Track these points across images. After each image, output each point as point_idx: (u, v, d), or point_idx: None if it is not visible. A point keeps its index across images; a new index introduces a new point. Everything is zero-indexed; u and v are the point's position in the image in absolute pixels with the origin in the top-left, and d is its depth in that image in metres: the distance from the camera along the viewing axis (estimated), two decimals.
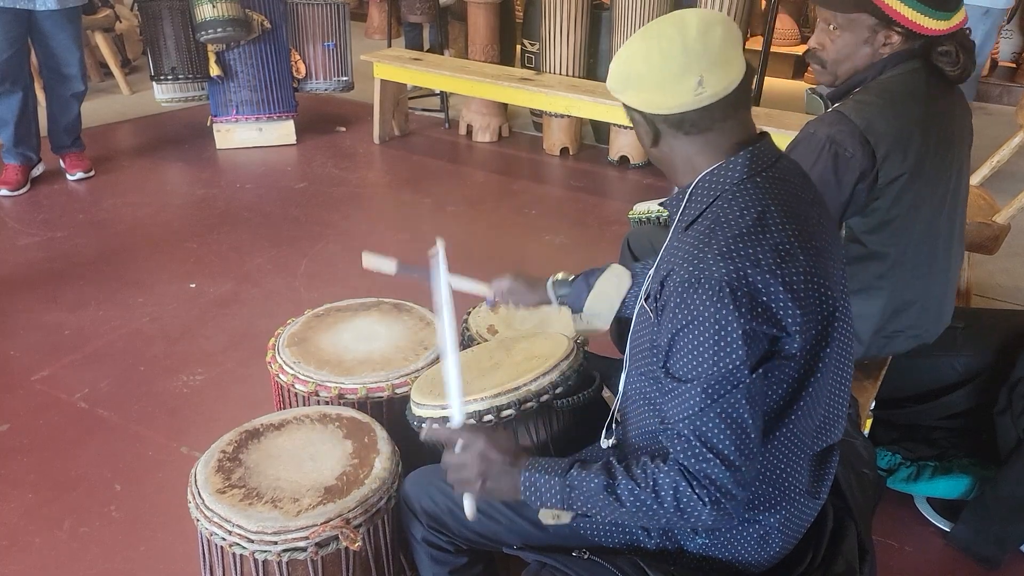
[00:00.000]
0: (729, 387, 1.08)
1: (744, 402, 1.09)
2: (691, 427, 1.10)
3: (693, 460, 1.10)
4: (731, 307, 1.07)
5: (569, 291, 1.62)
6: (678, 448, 1.11)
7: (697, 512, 1.11)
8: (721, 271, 1.08)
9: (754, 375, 1.09)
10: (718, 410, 1.09)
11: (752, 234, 1.10)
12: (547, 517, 1.29)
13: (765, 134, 1.21)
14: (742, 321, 1.07)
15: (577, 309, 1.60)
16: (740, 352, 1.07)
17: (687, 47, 1.11)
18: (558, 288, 1.63)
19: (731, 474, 1.09)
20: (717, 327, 1.07)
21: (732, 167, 1.16)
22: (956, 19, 1.66)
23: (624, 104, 1.21)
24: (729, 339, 1.07)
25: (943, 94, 1.73)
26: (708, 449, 1.09)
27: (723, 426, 1.09)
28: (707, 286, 1.08)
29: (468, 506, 1.26)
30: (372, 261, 1.78)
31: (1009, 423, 1.97)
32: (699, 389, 1.09)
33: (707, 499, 1.10)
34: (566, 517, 1.29)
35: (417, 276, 1.69)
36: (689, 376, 1.10)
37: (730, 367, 1.08)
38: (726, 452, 1.09)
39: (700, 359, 1.09)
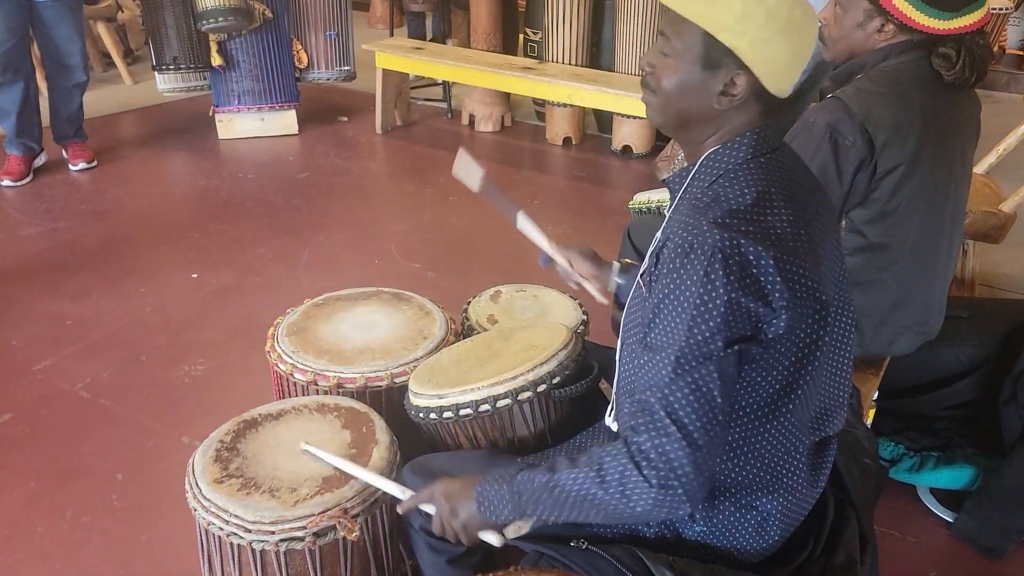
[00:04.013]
0: (702, 358, 1.05)
1: (716, 377, 1.06)
2: (658, 396, 1.06)
3: (654, 433, 1.06)
4: (720, 273, 1.04)
5: (628, 277, 1.56)
6: (639, 421, 1.07)
7: (644, 497, 1.06)
8: (715, 237, 1.05)
9: (728, 351, 1.06)
10: (689, 380, 1.05)
11: (750, 212, 1.09)
12: (511, 531, 1.24)
13: (775, 121, 1.19)
14: (728, 289, 1.04)
15: (624, 297, 1.57)
16: (718, 320, 1.05)
17: (812, 41, 1.13)
18: (622, 269, 1.58)
19: (691, 452, 1.05)
20: (702, 291, 1.05)
21: (737, 147, 1.15)
22: (962, 21, 1.62)
23: (726, 50, 1.09)
24: (711, 305, 1.05)
25: (948, 85, 1.71)
26: (673, 422, 1.05)
27: (692, 399, 1.05)
28: (699, 252, 1.05)
29: (492, 539, 1.24)
30: (461, 167, 1.65)
31: (1014, 413, 1.96)
32: (672, 358, 1.06)
33: (655, 480, 1.05)
34: (526, 527, 1.24)
35: (496, 202, 1.62)
36: (664, 344, 1.08)
37: (706, 335, 1.05)
38: (691, 428, 1.05)
39: (677, 323, 1.06)
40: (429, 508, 1.30)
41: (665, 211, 2.28)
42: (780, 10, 1.07)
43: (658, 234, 1.24)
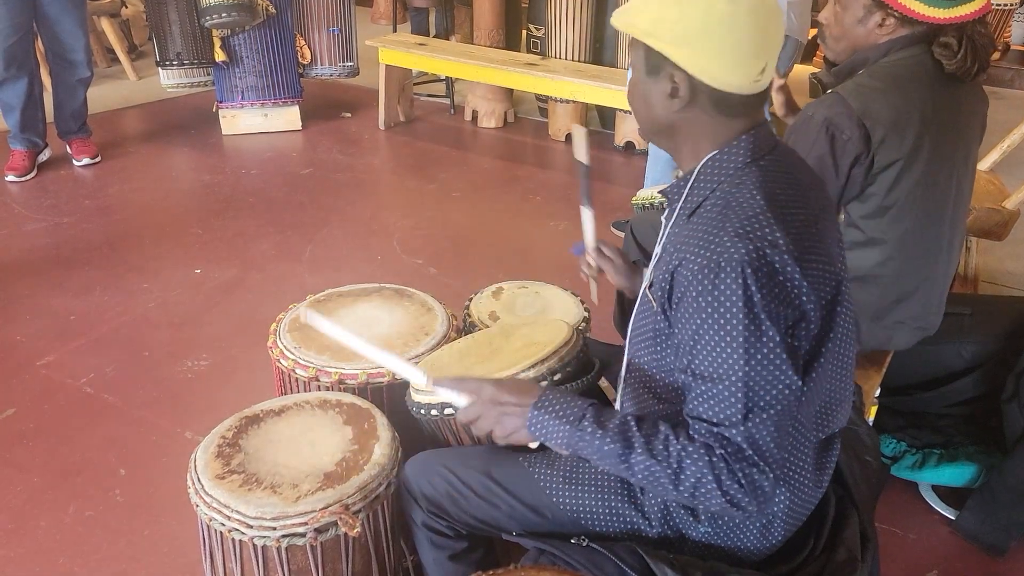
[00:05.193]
0: (773, 390, 1.05)
1: (791, 400, 1.06)
2: (743, 433, 1.05)
3: (744, 463, 1.06)
4: (754, 288, 1.03)
5: None
6: (728, 451, 1.07)
7: (713, 503, 1.08)
8: (740, 251, 1.04)
9: (797, 377, 1.07)
10: (765, 416, 1.05)
11: (765, 215, 1.08)
12: (534, 444, 1.24)
13: (764, 120, 1.18)
14: (767, 302, 1.04)
15: None
16: (778, 340, 1.04)
17: (768, 30, 1.08)
18: None
19: (772, 475, 1.07)
20: (747, 310, 1.04)
21: (735, 152, 1.14)
22: (962, 10, 1.61)
23: (659, 53, 1.10)
24: (763, 325, 1.04)
25: (951, 81, 1.70)
26: (760, 457, 1.06)
27: (773, 430, 1.06)
28: (728, 269, 1.04)
29: (533, 445, 1.24)
30: (578, 141, 1.65)
31: (1016, 410, 1.95)
32: (740, 390, 1.05)
33: (743, 501, 1.06)
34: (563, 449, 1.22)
35: (581, 185, 1.65)
36: (722, 374, 1.06)
37: (770, 357, 1.04)
38: (774, 455, 1.06)
39: (729, 351, 1.05)
40: (461, 402, 1.24)
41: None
42: (695, 7, 1.07)
43: (659, 246, 1.23)
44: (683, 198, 1.19)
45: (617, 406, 1.36)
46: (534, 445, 1.24)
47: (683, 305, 1.09)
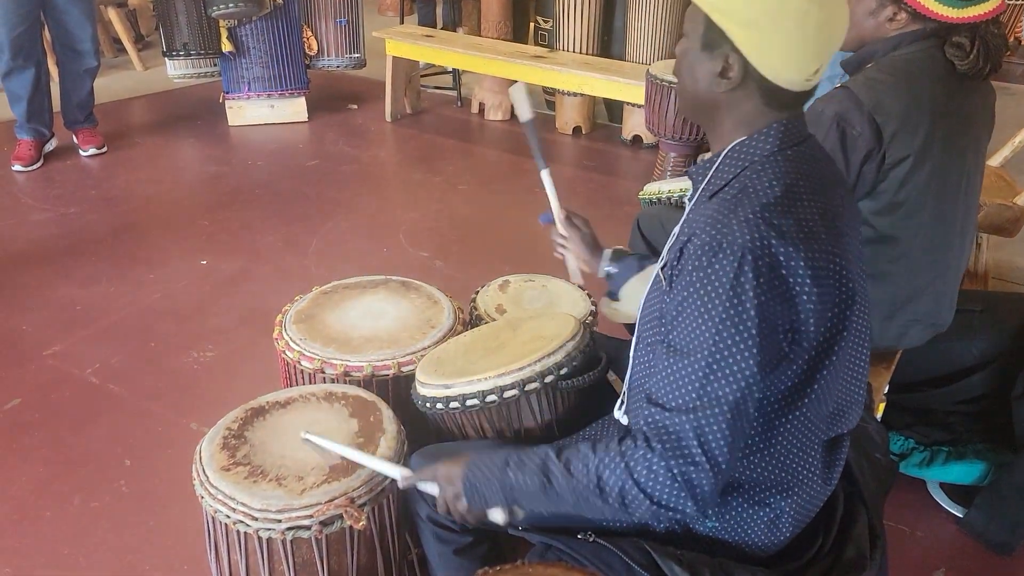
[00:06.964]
0: (734, 376, 1.03)
1: (748, 396, 1.05)
2: (692, 422, 1.04)
3: (681, 461, 1.04)
4: (751, 276, 1.02)
5: (620, 266, 1.58)
6: (666, 445, 1.05)
7: (642, 509, 1.08)
8: (745, 237, 1.03)
9: (761, 374, 1.05)
10: (724, 406, 1.04)
11: (779, 205, 1.06)
12: (496, 515, 1.22)
13: (800, 113, 1.17)
14: (759, 293, 1.02)
15: (616, 287, 1.57)
16: (754, 333, 1.02)
17: (833, 32, 1.07)
18: (614, 257, 1.60)
19: (715, 477, 1.05)
20: (732, 294, 1.02)
21: (764, 139, 1.13)
22: (976, 10, 1.59)
23: (720, 30, 1.08)
24: (743, 313, 1.02)
25: (961, 75, 1.68)
26: (704, 453, 1.04)
27: (725, 427, 1.04)
28: (728, 252, 1.03)
29: (498, 518, 1.22)
30: (517, 96, 1.66)
31: None
32: (700, 372, 1.04)
33: (664, 502, 1.05)
34: (520, 513, 1.23)
35: (530, 145, 1.69)
36: (691, 348, 1.05)
37: (740, 346, 1.03)
38: (719, 456, 1.04)
39: (703, 328, 1.04)
40: (432, 489, 1.29)
41: (675, 202, 2.27)
42: None
43: (678, 227, 1.22)
44: (706, 179, 1.18)
45: (623, 392, 1.35)
46: (500, 520, 1.22)
47: (680, 277, 1.09)
